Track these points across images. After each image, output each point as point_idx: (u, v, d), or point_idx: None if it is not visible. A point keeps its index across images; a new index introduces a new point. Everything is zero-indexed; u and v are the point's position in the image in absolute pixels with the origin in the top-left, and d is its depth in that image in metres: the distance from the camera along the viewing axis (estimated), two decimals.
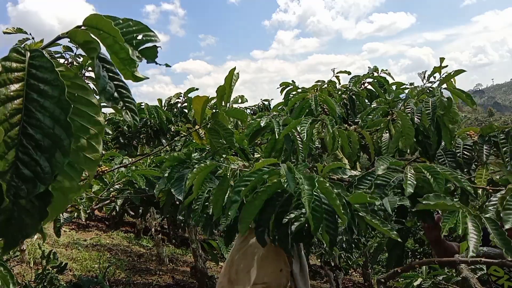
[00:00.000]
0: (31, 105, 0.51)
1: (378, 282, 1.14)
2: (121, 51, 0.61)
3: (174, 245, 7.55)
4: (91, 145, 0.60)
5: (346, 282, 6.17)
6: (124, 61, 0.62)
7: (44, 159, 0.50)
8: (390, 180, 1.22)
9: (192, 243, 4.44)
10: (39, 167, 0.50)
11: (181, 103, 3.88)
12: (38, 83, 0.52)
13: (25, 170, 0.49)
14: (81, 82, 0.59)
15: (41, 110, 0.51)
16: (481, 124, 65.05)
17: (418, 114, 1.72)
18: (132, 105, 0.64)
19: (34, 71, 0.53)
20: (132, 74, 0.64)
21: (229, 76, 1.67)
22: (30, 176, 0.50)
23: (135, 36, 0.60)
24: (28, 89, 0.51)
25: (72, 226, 7.23)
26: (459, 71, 1.88)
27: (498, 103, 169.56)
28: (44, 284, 3.27)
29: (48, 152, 0.50)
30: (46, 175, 0.50)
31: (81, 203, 1.95)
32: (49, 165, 0.50)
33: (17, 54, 0.53)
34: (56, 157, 0.51)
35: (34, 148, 0.50)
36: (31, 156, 0.50)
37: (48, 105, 0.51)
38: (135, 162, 2.29)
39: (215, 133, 1.79)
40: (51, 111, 0.51)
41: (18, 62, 0.53)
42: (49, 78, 0.52)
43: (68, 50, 3.41)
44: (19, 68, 0.52)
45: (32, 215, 0.55)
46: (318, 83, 2.74)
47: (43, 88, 0.52)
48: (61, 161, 0.51)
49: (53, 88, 0.52)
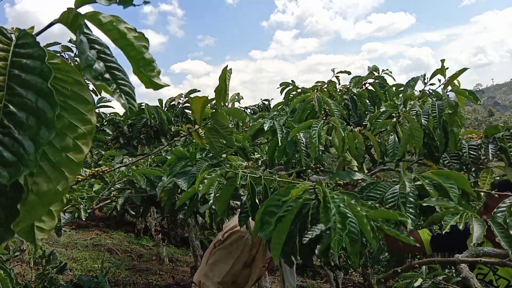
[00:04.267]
0: (13, 82, 0.47)
1: (378, 282, 1.14)
2: (129, 47, 0.55)
3: (174, 245, 7.55)
4: (76, 145, 0.55)
5: (346, 282, 6.17)
6: (137, 61, 0.57)
7: (27, 138, 0.46)
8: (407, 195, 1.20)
9: (192, 242, 4.44)
10: (22, 147, 0.45)
11: (182, 104, 3.89)
12: (20, 59, 0.49)
13: (6, 153, 0.45)
14: (77, 77, 0.55)
15: (23, 85, 0.47)
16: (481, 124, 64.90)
17: (425, 117, 1.72)
18: (127, 88, 0.55)
19: (18, 49, 0.50)
20: (149, 80, 0.57)
21: (223, 74, 1.68)
22: (12, 159, 0.45)
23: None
24: (11, 67, 0.48)
25: (72, 226, 7.23)
26: (462, 70, 1.88)
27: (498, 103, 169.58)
28: (44, 284, 3.28)
29: (31, 129, 0.46)
30: (29, 156, 0.46)
31: (82, 203, 1.95)
32: (32, 144, 0.46)
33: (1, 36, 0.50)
34: (40, 134, 0.47)
35: (16, 126, 0.46)
36: (13, 136, 0.45)
37: (30, 78, 0.48)
38: (135, 162, 2.29)
39: (215, 132, 1.79)
40: (33, 83, 0.47)
41: (2, 43, 0.49)
42: (31, 52, 0.49)
43: (67, 50, 3.42)
44: (3, 48, 0.49)
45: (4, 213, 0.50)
46: (318, 83, 2.74)
47: (25, 62, 0.48)
48: (45, 137, 0.47)
49: (34, 60, 0.48)
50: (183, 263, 6.48)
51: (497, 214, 1.05)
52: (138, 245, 7.13)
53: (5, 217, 0.50)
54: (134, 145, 3.79)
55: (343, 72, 2.79)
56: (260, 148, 2.47)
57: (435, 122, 1.69)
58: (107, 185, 2.18)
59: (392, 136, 1.79)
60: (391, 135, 1.79)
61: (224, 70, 1.68)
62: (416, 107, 1.78)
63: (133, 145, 3.77)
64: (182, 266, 6.26)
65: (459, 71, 1.87)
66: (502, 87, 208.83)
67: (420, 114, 1.73)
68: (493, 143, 1.70)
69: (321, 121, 1.80)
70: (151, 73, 0.57)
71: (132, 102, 0.56)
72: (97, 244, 6.47)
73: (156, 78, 0.58)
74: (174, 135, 3.61)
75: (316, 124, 1.77)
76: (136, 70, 0.57)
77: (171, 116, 3.65)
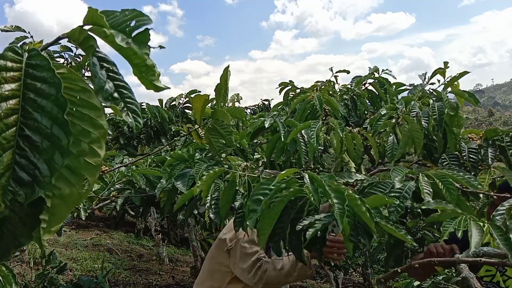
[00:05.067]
0: (28, 105, 0.49)
1: (378, 282, 1.14)
2: (133, 56, 0.58)
3: (174, 245, 7.55)
4: (92, 149, 0.57)
5: (346, 282, 6.17)
6: (139, 67, 0.59)
7: (42, 161, 0.48)
8: (403, 190, 1.21)
9: (192, 242, 4.44)
10: (37, 170, 0.48)
11: (182, 104, 3.89)
12: (35, 82, 0.50)
13: (22, 174, 0.47)
14: (83, 85, 0.57)
15: (39, 110, 0.49)
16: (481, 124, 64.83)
17: (425, 118, 1.72)
18: (134, 106, 0.60)
19: (31, 70, 0.51)
20: (151, 83, 0.60)
21: (224, 74, 1.69)
22: (28, 180, 0.47)
23: (128, 24, 0.57)
24: (25, 89, 0.49)
25: (72, 226, 7.24)
26: (463, 73, 1.88)
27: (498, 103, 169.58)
28: (44, 284, 3.28)
29: (46, 153, 0.48)
30: (44, 179, 0.48)
31: (82, 203, 1.95)
32: (47, 168, 0.48)
33: (12, 53, 0.51)
34: (54, 158, 0.49)
35: (31, 150, 0.48)
36: (29, 158, 0.48)
37: (46, 104, 0.49)
38: (135, 162, 2.29)
39: (215, 132, 1.80)
40: (48, 110, 0.49)
41: (14, 61, 0.50)
42: (46, 76, 0.50)
43: (67, 50, 3.42)
44: (15, 67, 0.50)
45: (24, 223, 0.53)
46: (317, 83, 2.75)
47: (40, 86, 0.50)
48: (60, 163, 0.49)
49: (49, 86, 0.50)
50: (183, 263, 6.48)
51: (496, 217, 1.05)
52: (138, 245, 7.13)
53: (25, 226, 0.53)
54: (134, 145, 3.79)
55: (342, 71, 2.79)
56: (261, 148, 2.47)
57: (435, 123, 1.69)
58: (107, 185, 2.18)
59: (391, 137, 1.79)
60: (390, 136, 1.79)
61: (225, 69, 1.69)
62: (416, 108, 1.78)
63: (133, 145, 3.78)
64: (182, 266, 6.26)
65: (460, 74, 1.87)
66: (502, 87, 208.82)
67: (420, 116, 1.73)
68: (492, 147, 1.70)
69: (319, 122, 1.81)
70: (152, 77, 0.60)
71: (138, 120, 0.60)
72: (97, 244, 6.47)
73: (156, 81, 0.61)
74: (174, 135, 3.61)
75: (314, 125, 1.77)
76: (138, 74, 0.60)
77: (172, 116, 3.65)
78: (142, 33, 0.57)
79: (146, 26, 0.57)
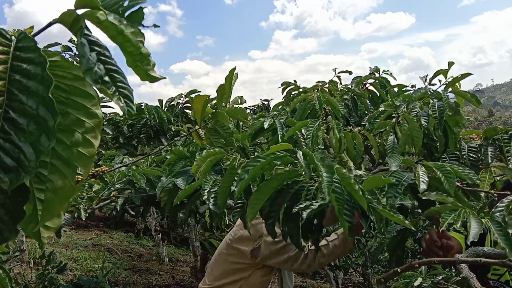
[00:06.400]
0: (13, 87, 0.47)
1: (378, 282, 1.14)
2: (127, 44, 0.56)
3: (174, 245, 7.55)
4: (86, 139, 0.56)
5: (346, 282, 6.17)
6: (134, 56, 0.57)
7: (28, 145, 0.46)
8: (402, 179, 1.20)
9: (192, 242, 4.44)
10: (22, 154, 0.45)
11: (182, 104, 3.89)
12: (21, 64, 0.48)
13: (6, 159, 0.45)
14: (77, 72, 0.55)
15: (24, 91, 0.47)
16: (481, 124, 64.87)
17: (425, 117, 1.72)
18: (126, 90, 0.56)
19: (18, 53, 0.49)
20: (146, 73, 0.58)
21: (230, 76, 1.68)
22: (12, 165, 0.45)
23: (121, 4, 0.55)
24: (11, 71, 0.48)
25: (72, 226, 7.23)
26: (465, 75, 1.88)
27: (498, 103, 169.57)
28: (44, 284, 3.28)
29: (32, 136, 0.46)
30: (30, 163, 0.46)
31: (82, 203, 1.95)
32: (33, 151, 0.46)
33: (1, 38, 0.50)
34: (40, 141, 0.47)
35: (17, 133, 0.46)
36: (14, 142, 0.45)
37: (31, 84, 0.47)
38: (135, 162, 2.29)
39: (215, 132, 1.80)
40: (34, 90, 0.47)
41: (2, 45, 0.49)
42: (32, 57, 0.49)
43: (68, 50, 3.42)
44: (3, 51, 0.49)
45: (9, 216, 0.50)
46: (319, 83, 2.74)
47: (25, 67, 0.48)
48: (46, 145, 0.47)
49: (35, 66, 0.48)
50: (183, 263, 6.48)
51: (496, 213, 1.05)
52: (138, 245, 7.13)
53: (10, 218, 0.51)
54: (134, 145, 3.79)
55: (345, 72, 2.79)
56: (260, 148, 2.47)
57: (436, 123, 1.69)
58: (107, 185, 2.18)
59: (391, 136, 1.79)
60: (390, 135, 1.79)
61: (231, 71, 1.68)
62: (416, 108, 1.78)
63: (133, 145, 3.78)
64: (182, 266, 6.26)
65: (463, 75, 1.87)
66: (502, 87, 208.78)
67: (420, 115, 1.73)
68: (492, 146, 1.70)
69: (318, 121, 1.81)
70: (147, 67, 0.58)
71: (131, 105, 0.56)
72: (97, 244, 6.47)
73: (151, 71, 0.58)
74: (174, 135, 3.61)
75: (312, 124, 1.77)
76: (133, 64, 0.58)
77: (171, 116, 3.65)
78: (136, 12, 0.55)
79: (140, 5, 0.55)
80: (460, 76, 1.87)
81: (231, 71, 1.68)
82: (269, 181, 1.08)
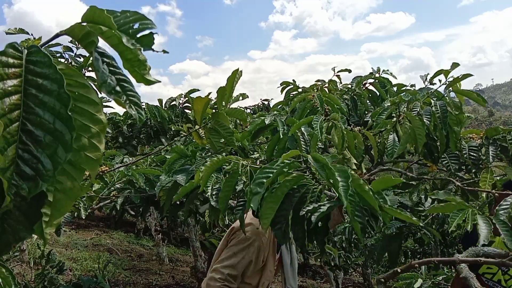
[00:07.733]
0: (30, 101, 0.50)
1: (377, 282, 1.14)
2: (127, 52, 0.59)
3: (174, 245, 7.55)
4: (92, 144, 0.59)
5: (346, 282, 6.17)
6: (132, 62, 0.60)
7: (45, 156, 0.49)
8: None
9: (192, 242, 4.44)
10: (40, 164, 0.48)
11: (182, 104, 3.89)
12: (36, 78, 0.51)
13: (25, 168, 0.48)
14: (82, 80, 0.58)
15: (41, 105, 0.50)
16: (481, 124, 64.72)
17: (428, 116, 1.72)
18: (136, 98, 0.61)
19: (32, 67, 0.51)
20: (142, 77, 0.61)
21: (232, 76, 1.67)
22: (31, 174, 0.48)
23: (131, 25, 0.58)
24: (26, 85, 0.50)
25: (72, 226, 7.24)
26: (466, 75, 1.89)
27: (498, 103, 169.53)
28: (44, 284, 3.27)
29: (49, 148, 0.49)
30: (47, 172, 0.49)
31: (82, 202, 1.95)
32: (50, 162, 0.49)
33: (13, 50, 0.52)
34: (58, 153, 0.49)
35: (34, 144, 0.48)
36: (32, 153, 0.48)
37: (48, 99, 0.50)
38: (135, 162, 2.29)
39: (215, 132, 1.79)
40: (51, 105, 0.50)
41: (15, 58, 0.51)
42: (47, 73, 0.51)
43: (68, 50, 3.42)
44: (16, 64, 0.51)
45: (26, 217, 0.53)
46: (318, 82, 2.74)
47: (41, 82, 0.51)
48: (63, 157, 0.50)
49: (51, 82, 0.51)
50: (183, 263, 6.48)
51: (500, 211, 1.05)
52: (138, 245, 7.13)
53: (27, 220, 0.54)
54: (134, 144, 3.79)
55: (344, 71, 2.79)
56: (260, 148, 2.47)
57: (439, 122, 1.69)
58: (107, 185, 2.18)
59: (391, 135, 1.79)
60: (390, 134, 1.79)
61: (235, 71, 1.67)
62: (417, 107, 1.78)
63: (132, 144, 3.78)
64: (182, 266, 6.25)
65: (463, 75, 1.87)
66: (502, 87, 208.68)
67: (422, 114, 1.73)
68: (493, 145, 1.70)
69: (321, 117, 1.81)
70: (144, 71, 0.62)
71: (141, 112, 0.62)
72: (97, 244, 6.47)
73: (147, 75, 0.62)
74: (174, 135, 3.61)
75: (317, 119, 1.78)
76: (130, 68, 0.61)
77: (171, 116, 3.65)
78: (147, 36, 0.59)
79: (150, 30, 0.58)
80: (461, 77, 1.87)
81: (235, 71, 1.67)
82: (279, 188, 1.07)
